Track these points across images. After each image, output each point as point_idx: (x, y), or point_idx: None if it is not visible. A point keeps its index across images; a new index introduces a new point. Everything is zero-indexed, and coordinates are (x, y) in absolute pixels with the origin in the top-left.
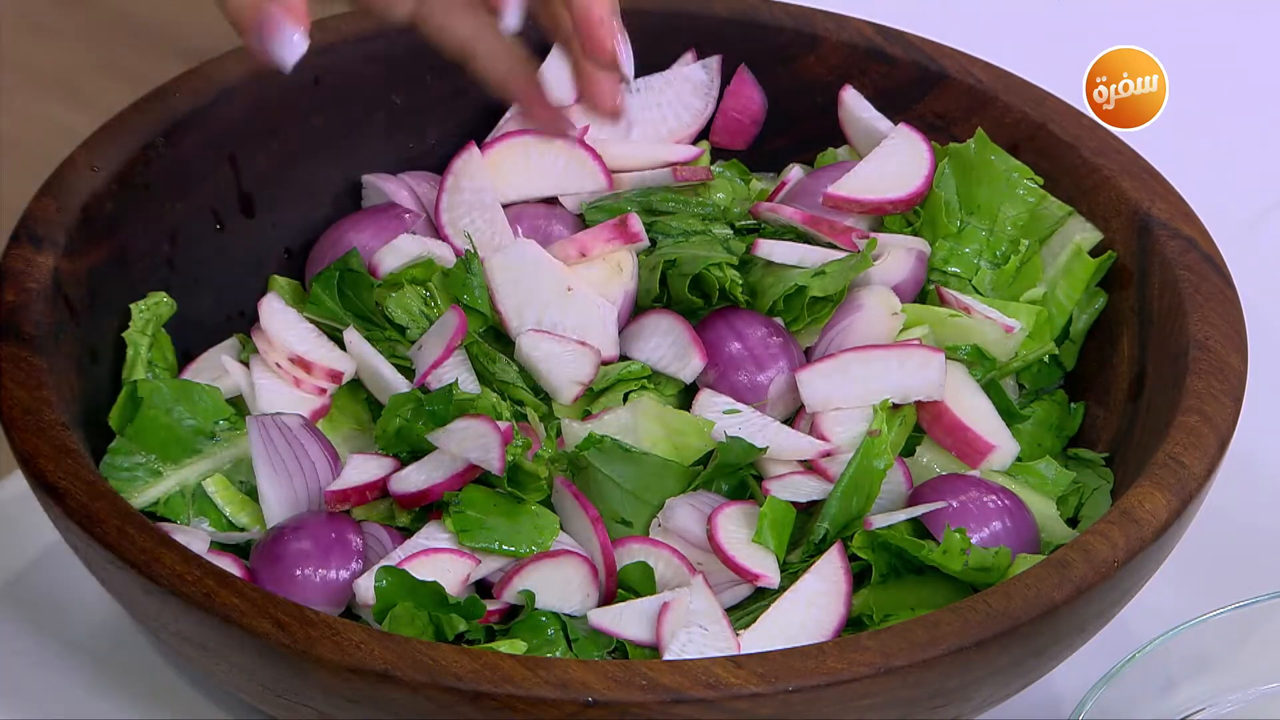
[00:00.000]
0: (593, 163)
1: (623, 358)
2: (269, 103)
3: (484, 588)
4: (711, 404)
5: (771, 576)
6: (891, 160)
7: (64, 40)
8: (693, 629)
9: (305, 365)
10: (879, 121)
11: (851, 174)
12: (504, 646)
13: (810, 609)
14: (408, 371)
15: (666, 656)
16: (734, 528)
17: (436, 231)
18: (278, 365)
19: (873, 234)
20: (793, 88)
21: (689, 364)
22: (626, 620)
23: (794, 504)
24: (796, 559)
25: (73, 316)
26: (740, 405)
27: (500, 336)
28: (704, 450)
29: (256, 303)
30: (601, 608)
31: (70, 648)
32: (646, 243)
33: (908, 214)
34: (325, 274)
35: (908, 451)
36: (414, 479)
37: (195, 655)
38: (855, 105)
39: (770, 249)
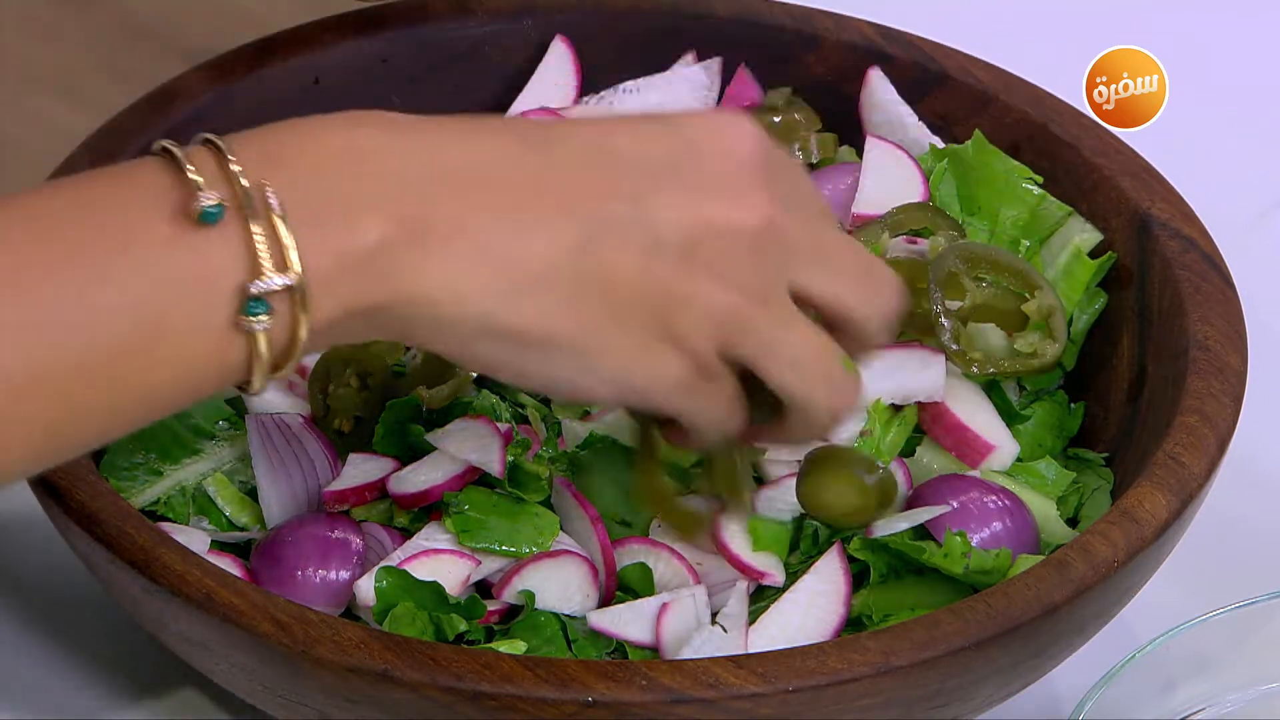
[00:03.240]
0: None
1: None
2: (269, 103)
3: (484, 588)
4: None
5: (777, 575)
6: (885, 172)
7: (64, 40)
8: (715, 629)
9: (300, 369)
10: (899, 105)
11: (861, 190)
12: (504, 647)
13: (810, 610)
14: None
15: (684, 655)
16: (736, 527)
17: None
18: None
19: None
20: (793, 88)
21: None
22: (626, 621)
23: None
24: (795, 560)
25: None
26: None
27: None
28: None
29: None
30: (600, 609)
31: (70, 648)
32: None
33: None
34: None
35: (908, 452)
36: (413, 480)
37: (195, 655)
38: (880, 88)
39: None
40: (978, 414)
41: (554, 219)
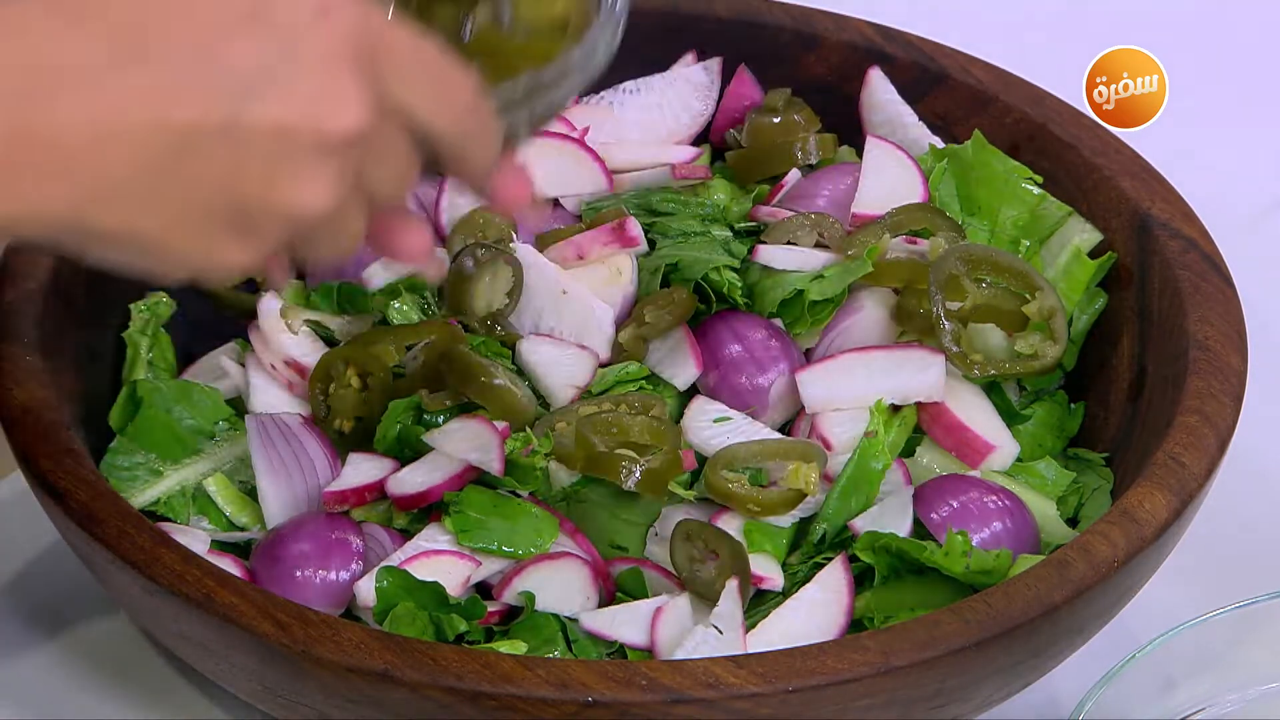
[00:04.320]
0: (593, 164)
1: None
2: None
3: (484, 589)
4: (703, 412)
5: (776, 579)
6: (885, 172)
7: None
8: (709, 630)
9: (299, 369)
10: (899, 105)
11: (861, 190)
12: (504, 647)
13: (810, 619)
14: None
15: (678, 656)
16: (733, 533)
17: (436, 231)
18: (272, 366)
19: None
20: (793, 88)
21: (684, 371)
22: (620, 623)
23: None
24: (797, 561)
25: (73, 316)
26: (731, 412)
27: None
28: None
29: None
30: (596, 610)
31: (70, 648)
32: (645, 247)
33: None
34: (324, 287)
35: (908, 452)
36: (411, 480)
37: (195, 655)
38: (880, 88)
39: (770, 255)
40: (978, 414)
41: (141, 129)
